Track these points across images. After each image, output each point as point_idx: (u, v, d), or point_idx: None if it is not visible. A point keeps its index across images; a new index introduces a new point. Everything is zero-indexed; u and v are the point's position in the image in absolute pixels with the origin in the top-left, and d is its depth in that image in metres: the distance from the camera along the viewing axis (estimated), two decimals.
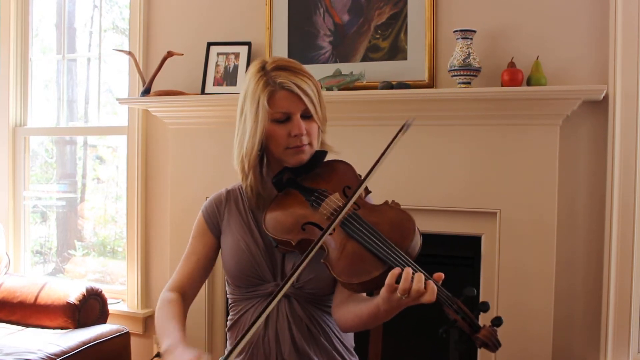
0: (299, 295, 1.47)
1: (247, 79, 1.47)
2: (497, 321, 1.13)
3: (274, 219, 1.43)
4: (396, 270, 1.17)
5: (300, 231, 1.37)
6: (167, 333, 1.39)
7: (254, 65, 1.47)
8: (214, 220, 1.56)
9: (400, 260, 1.20)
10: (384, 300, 1.20)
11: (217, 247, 1.57)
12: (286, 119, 1.43)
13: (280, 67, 1.43)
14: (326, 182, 1.47)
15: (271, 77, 1.41)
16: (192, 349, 1.30)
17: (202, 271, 1.55)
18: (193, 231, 1.58)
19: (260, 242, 1.49)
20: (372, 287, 1.25)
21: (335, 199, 1.39)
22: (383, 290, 1.19)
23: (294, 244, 1.37)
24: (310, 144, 1.46)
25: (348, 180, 1.46)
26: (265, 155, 1.52)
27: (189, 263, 1.55)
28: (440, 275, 1.19)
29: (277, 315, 1.46)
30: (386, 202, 1.39)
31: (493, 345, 1.13)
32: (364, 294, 1.39)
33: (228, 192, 1.59)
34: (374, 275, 1.22)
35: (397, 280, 1.16)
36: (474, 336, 1.15)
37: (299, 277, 1.44)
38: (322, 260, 1.30)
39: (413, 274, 1.16)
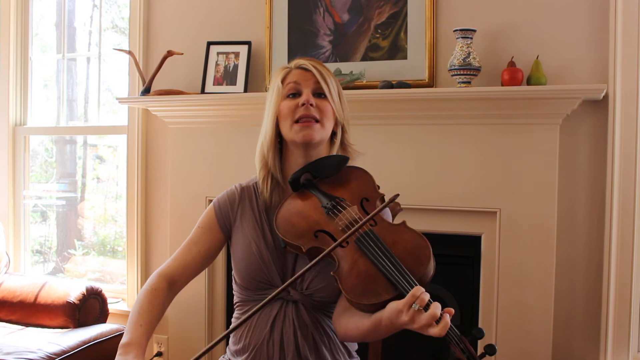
0: (307, 301, 1.46)
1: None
2: (489, 347, 1.12)
3: (287, 220, 1.40)
4: (419, 289, 1.13)
5: (312, 238, 1.34)
6: (131, 328, 1.37)
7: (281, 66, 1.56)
8: (226, 219, 1.53)
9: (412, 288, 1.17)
10: (390, 317, 1.17)
11: (222, 244, 1.55)
12: (297, 92, 1.45)
13: (302, 57, 1.52)
14: (344, 189, 1.44)
15: (290, 64, 1.51)
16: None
17: (199, 265, 1.52)
18: (200, 221, 1.54)
19: (271, 245, 1.47)
20: (378, 309, 1.22)
21: (353, 212, 1.36)
22: (398, 305, 1.15)
23: (304, 250, 1.35)
24: (320, 122, 1.44)
25: (367, 191, 1.43)
26: (283, 150, 1.50)
27: (188, 254, 1.51)
28: (451, 310, 1.15)
29: (283, 319, 1.45)
30: (404, 223, 1.35)
31: None
32: None
33: (242, 188, 1.56)
34: (384, 299, 1.19)
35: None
36: None
37: (308, 285, 1.44)
38: (332, 273, 1.28)
39: (430, 301, 1.13)
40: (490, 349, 1.12)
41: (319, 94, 1.45)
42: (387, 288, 1.20)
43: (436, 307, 1.11)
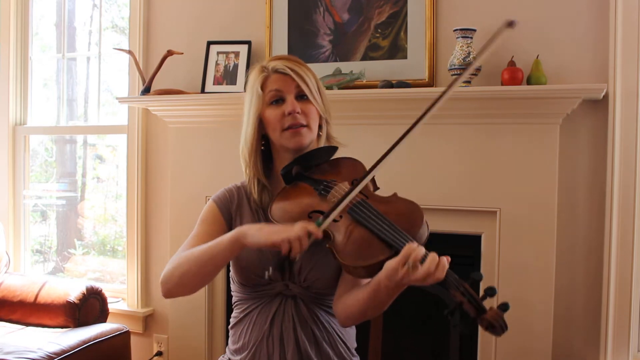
0: (305, 295, 1.46)
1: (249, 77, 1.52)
2: (503, 306, 1.12)
3: (281, 208, 1.42)
4: (412, 245, 1.16)
5: (307, 219, 1.36)
6: (221, 238, 1.34)
7: (255, 65, 1.52)
8: (227, 208, 1.53)
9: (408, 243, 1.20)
10: (387, 276, 1.18)
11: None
12: (280, 99, 1.45)
13: (277, 57, 1.51)
14: (335, 174, 1.47)
15: (267, 66, 1.48)
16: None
17: None
18: (203, 216, 1.54)
19: None
20: (377, 272, 1.23)
21: (343, 187, 1.39)
22: (393, 261, 1.16)
23: None
24: (308, 126, 1.46)
25: (357, 173, 1.46)
26: (270, 149, 1.52)
27: (201, 242, 1.42)
28: (447, 258, 1.18)
29: (283, 316, 1.46)
30: (395, 194, 1.39)
31: (500, 327, 1.11)
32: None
33: (239, 187, 1.58)
34: (380, 258, 1.21)
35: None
36: (480, 317, 1.12)
37: (306, 277, 1.45)
38: (327, 245, 1.29)
39: (426, 255, 1.15)
40: (491, 291, 1.13)
41: (301, 96, 1.46)
42: (382, 249, 1.22)
43: (432, 261, 1.14)
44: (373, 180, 1.46)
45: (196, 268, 1.36)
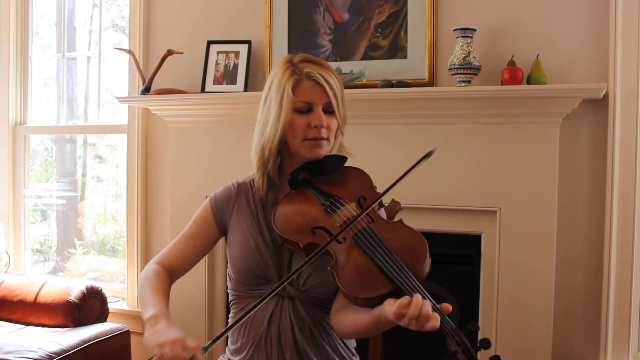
0: (303, 297, 1.46)
1: (274, 70, 1.48)
2: (495, 359, 1.12)
3: (285, 217, 1.41)
4: (405, 300, 1.13)
5: (310, 234, 1.35)
6: (152, 303, 1.37)
7: (282, 59, 1.49)
8: (222, 215, 1.54)
9: (409, 283, 1.18)
10: (386, 316, 1.17)
11: (217, 239, 1.56)
12: (308, 109, 1.43)
13: (308, 60, 1.46)
14: (342, 188, 1.45)
15: (298, 67, 1.43)
16: (175, 327, 1.28)
17: (196, 258, 1.55)
18: (196, 216, 1.56)
19: (268, 240, 1.48)
20: (374, 304, 1.22)
21: (350, 209, 1.38)
22: (391, 313, 1.15)
23: (301, 245, 1.35)
24: (328, 139, 1.45)
25: (364, 190, 1.45)
26: (282, 149, 1.50)
27: (187, 247, 1.53)
28: (448, 307, 1.16)
29: (280, 316, 1.46)
30: (401, 221, 1.38)
31: None
32: None
33: (239, 185, 1.57)
34: (380, 293, 1.20)
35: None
36: None
37: (305, 281, 1.44)
38: (329, 268, 1.28)
39: (422, 300, 1.14)
40: (485, 343, 1.13)
41: (328, 110, 1.45)
42: (383, 282, 1.21)
43: (427, 310, 1.12)
44: (380, 201, 1.45)
45: (140, 305, 1.44)
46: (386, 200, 1.49)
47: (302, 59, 1.46)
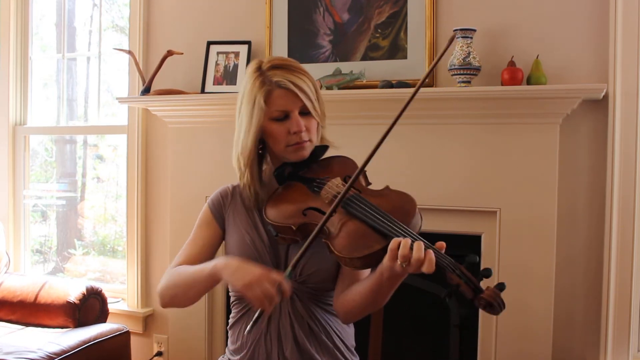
0: (301, 291, 1.47)
1: (244, 80, 1.49)
2: (500, 285, 1.13)
3: (275, 207, 1.43)
4: (397, 239, 1.18)
5: (301, 216, 1.37)
6: (203, 265, 1.40)
7: (251, 66, 1.48)
8: (220, 212, 1.57)
9: (401, 232, 1.22)
10: (387, 268, 1.21)
11: (221, 238, 1.57)
12: (284, 117, 1.44)
13: (276, 65, 1.44)
14: (327, 171, 1.48)
15: (267, 76, 1.43)
16: (247, 262, 1.34)
17: (206, 256, 1.55)
18: (198, 221, 1.59)
19: (265, 238, 1.50)
20: (373, 263, 1.25)
21: (336, 183, 1.41)
22: (385, 259, 1.19)
23: (294, 228, 1.36)
24: (310, 140, 1.47)
25: (349, 170, 1.47)
26: (267, 152, 1.54)
27: (195, 247, 1.55)
28: (442, 244, 1.20)
29: (279, 313, 1.47)
30: (387, 187, 1.41)
31: (498, 305, 1.12)
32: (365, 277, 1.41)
33: (234, 187, 1.60)
34: (375, 248, 1.22)
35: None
36: (477, 298, 1.14)
37: (302, 270, 1.45)
38: (323, 239, 1.30)
39: (412, 242, 1.17)
40: (486, 272, 1.14)
41: (304, 112, 1.45)
42: (377, 239, 1.24)
43: (418, 250, 1.15)
44: (365, 176, 1.49)
45: (182, 292, 1.45)
46: None
47: (271, 65, 1.44)
